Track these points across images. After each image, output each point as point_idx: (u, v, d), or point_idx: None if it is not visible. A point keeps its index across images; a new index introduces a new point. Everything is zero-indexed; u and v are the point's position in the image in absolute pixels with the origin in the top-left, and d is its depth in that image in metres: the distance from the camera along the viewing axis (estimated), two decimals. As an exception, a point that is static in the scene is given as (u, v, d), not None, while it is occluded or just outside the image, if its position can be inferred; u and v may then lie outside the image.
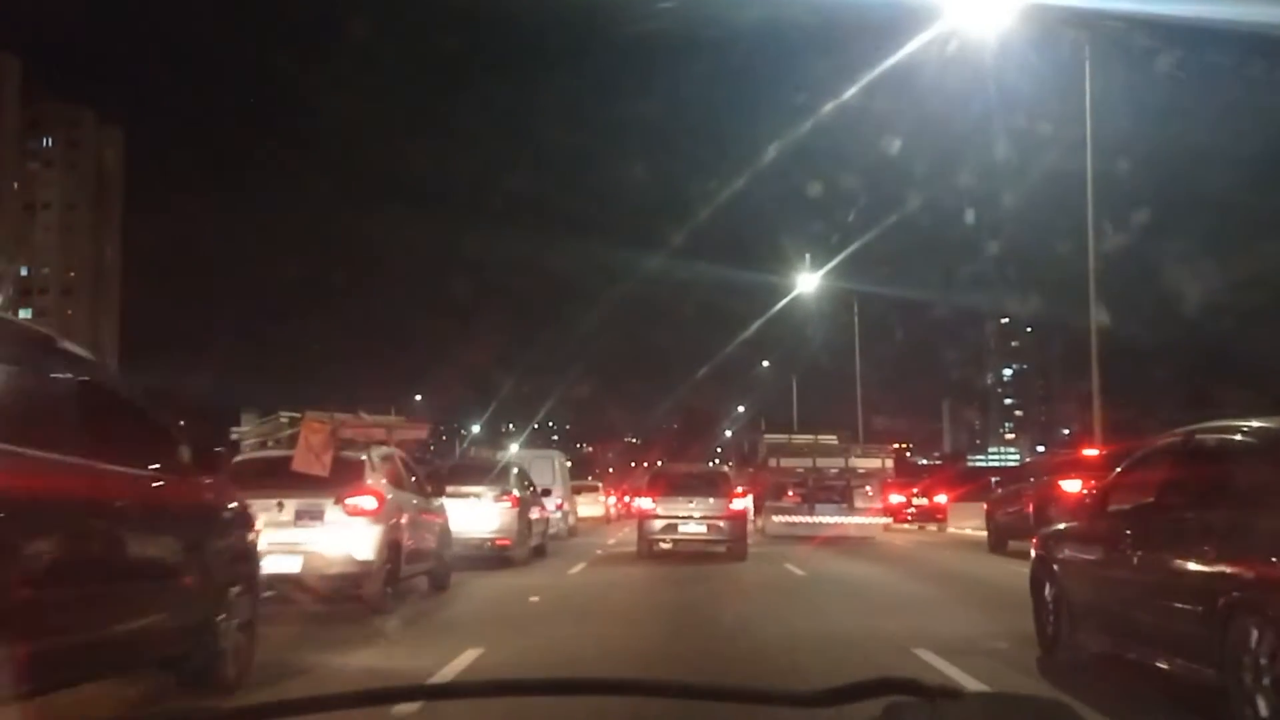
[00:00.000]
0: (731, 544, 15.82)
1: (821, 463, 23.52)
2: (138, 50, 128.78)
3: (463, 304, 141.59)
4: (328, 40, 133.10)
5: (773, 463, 23.57)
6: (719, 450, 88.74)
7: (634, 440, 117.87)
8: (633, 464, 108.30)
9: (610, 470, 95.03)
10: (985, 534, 19.08)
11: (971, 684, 5.26)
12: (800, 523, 22.54)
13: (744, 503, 18.82)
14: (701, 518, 15.84)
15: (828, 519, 22.52)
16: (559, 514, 22.09)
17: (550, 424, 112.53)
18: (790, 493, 23.30)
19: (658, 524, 15.99)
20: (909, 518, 27.28)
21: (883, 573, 13.86)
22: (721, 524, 15.82)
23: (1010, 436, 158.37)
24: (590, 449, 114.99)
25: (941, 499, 28.01)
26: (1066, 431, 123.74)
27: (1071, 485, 14.64)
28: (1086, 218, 16.53)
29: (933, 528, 27.04)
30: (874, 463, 23.86)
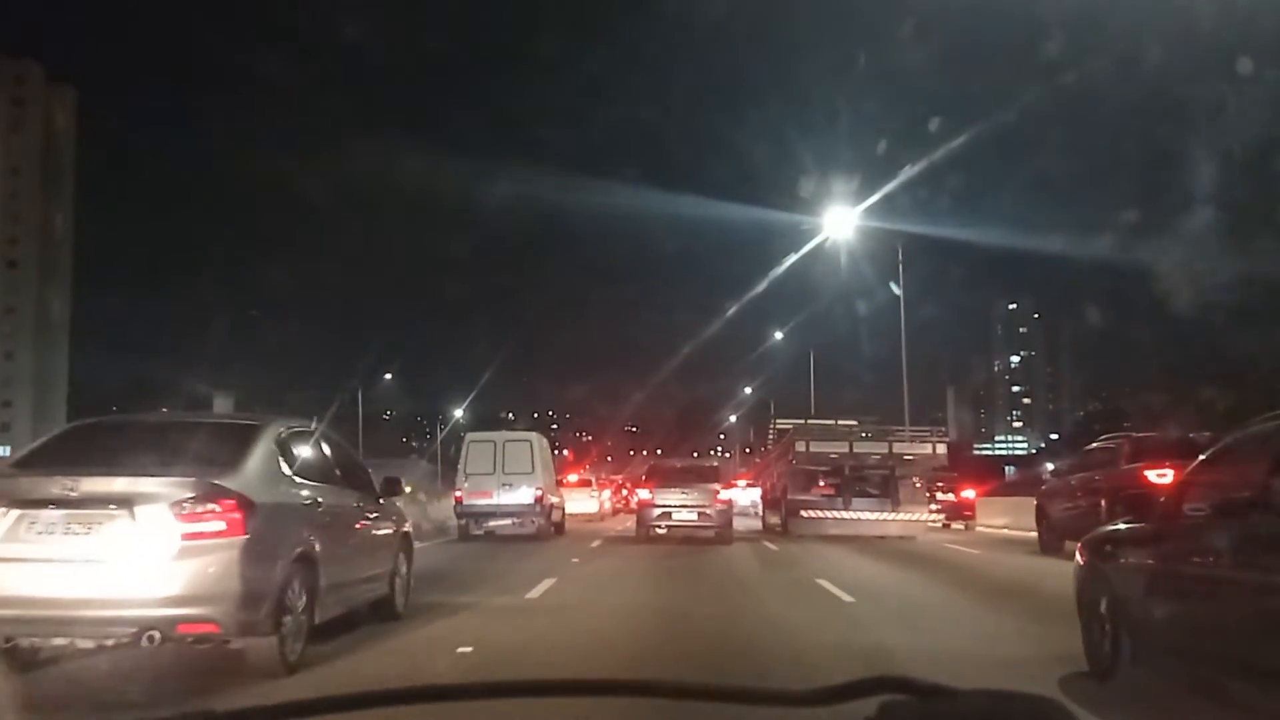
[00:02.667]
0: (719, 529, 17.35)
1: (861, 448, 19.73)
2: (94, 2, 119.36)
3: (454, 289, 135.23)
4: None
5: (800, 447, 19.82)
6: (721, 437, 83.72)
7: (633, 429, 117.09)
8: (630, 452, 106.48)
9: (609, 459, 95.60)
10: (1031, 532, 17.09)
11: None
12: (833, 519, 18.94)
13: (731, 493, 19.50)
14: (693, 506, 17.37)
15: (868, 515, 18.96)
16: (538, 508, 18.23)
17: (550, 413, 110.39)
18: (822, 483, 19.53)
19: (655, 512, 17.50)
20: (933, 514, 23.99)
21: (918, 578, 11.82)
22: (710, 511, 17.32)
23: (1018, 425, 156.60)
24: (589, 438, 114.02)
25: (969, 494, 25.14)
26: (1081, 414, 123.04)
27: (1161, 476, 12.56)
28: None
29: (959, 525, 24.20)
30: (923, 449, 20.13)
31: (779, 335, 48.19)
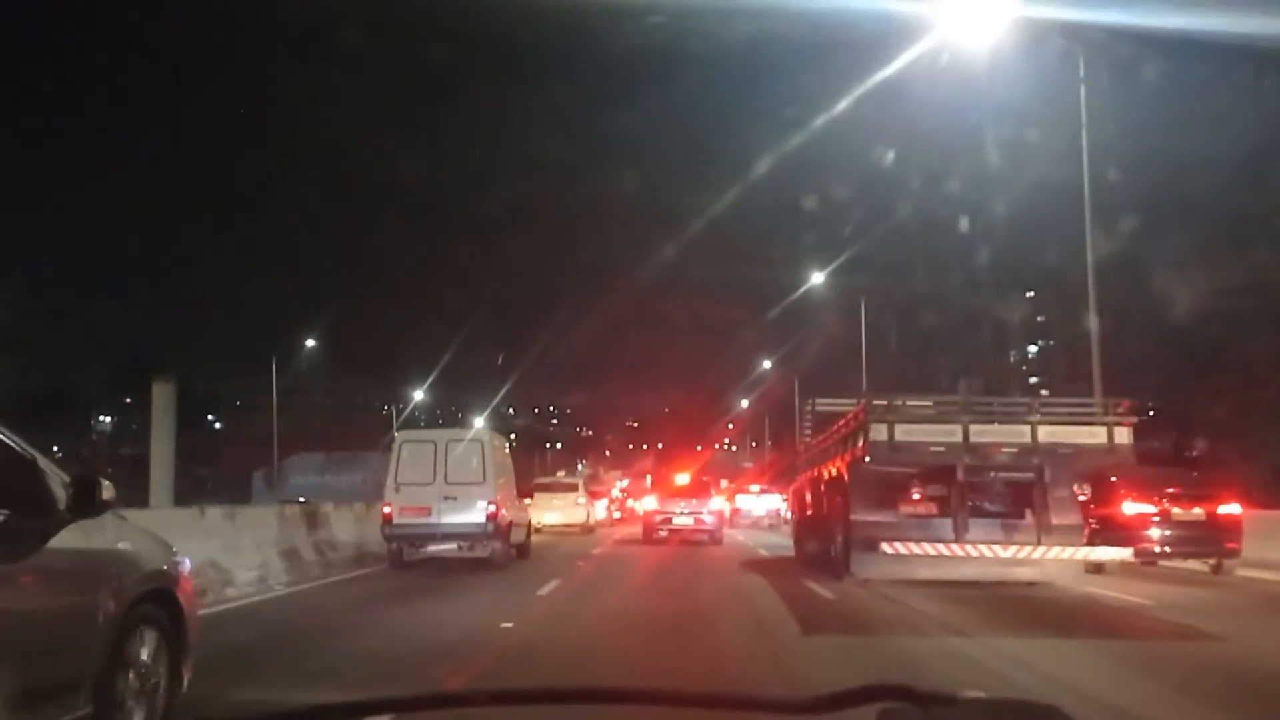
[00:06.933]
0: (711, 532, 22.48)
1: (981, 436, 11.89)
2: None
3: (454, 284, 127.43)
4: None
5: (878, 436, 11.96)
6: (730, 426, 77.28)
7: (634, 424, 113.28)
8: (630, 446, 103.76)
9: (607, 454, 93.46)
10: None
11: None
12: (934, 555, 11.44)
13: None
14: (690, 514, 22.75)
15: (995, 550, 11.48)
16: (490, 527, 14.63)
17: (550, 409, 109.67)
18: (916, 495, 12.28)
19: (659, 518, 23.06)
20: (1157, 544, 13.86)
21: None
22: (705, 518, 22.70)
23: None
24: (590, 433, 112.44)
25: (1233, 509, 14.00)
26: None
27: None
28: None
29: (1200, 565, 14.27)
30: (1093, 436, 12.04)
31: (818, 278, 35.16)
